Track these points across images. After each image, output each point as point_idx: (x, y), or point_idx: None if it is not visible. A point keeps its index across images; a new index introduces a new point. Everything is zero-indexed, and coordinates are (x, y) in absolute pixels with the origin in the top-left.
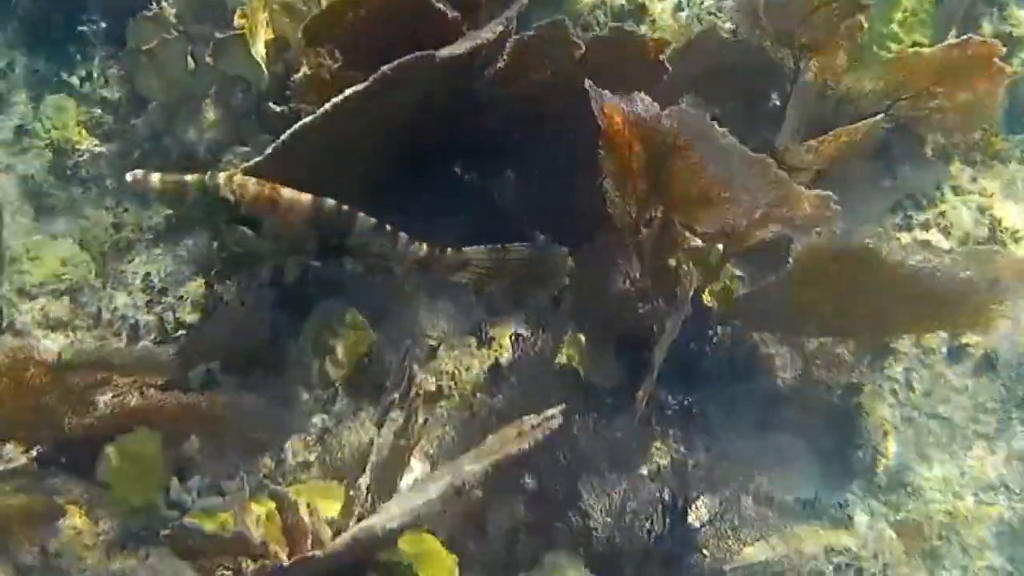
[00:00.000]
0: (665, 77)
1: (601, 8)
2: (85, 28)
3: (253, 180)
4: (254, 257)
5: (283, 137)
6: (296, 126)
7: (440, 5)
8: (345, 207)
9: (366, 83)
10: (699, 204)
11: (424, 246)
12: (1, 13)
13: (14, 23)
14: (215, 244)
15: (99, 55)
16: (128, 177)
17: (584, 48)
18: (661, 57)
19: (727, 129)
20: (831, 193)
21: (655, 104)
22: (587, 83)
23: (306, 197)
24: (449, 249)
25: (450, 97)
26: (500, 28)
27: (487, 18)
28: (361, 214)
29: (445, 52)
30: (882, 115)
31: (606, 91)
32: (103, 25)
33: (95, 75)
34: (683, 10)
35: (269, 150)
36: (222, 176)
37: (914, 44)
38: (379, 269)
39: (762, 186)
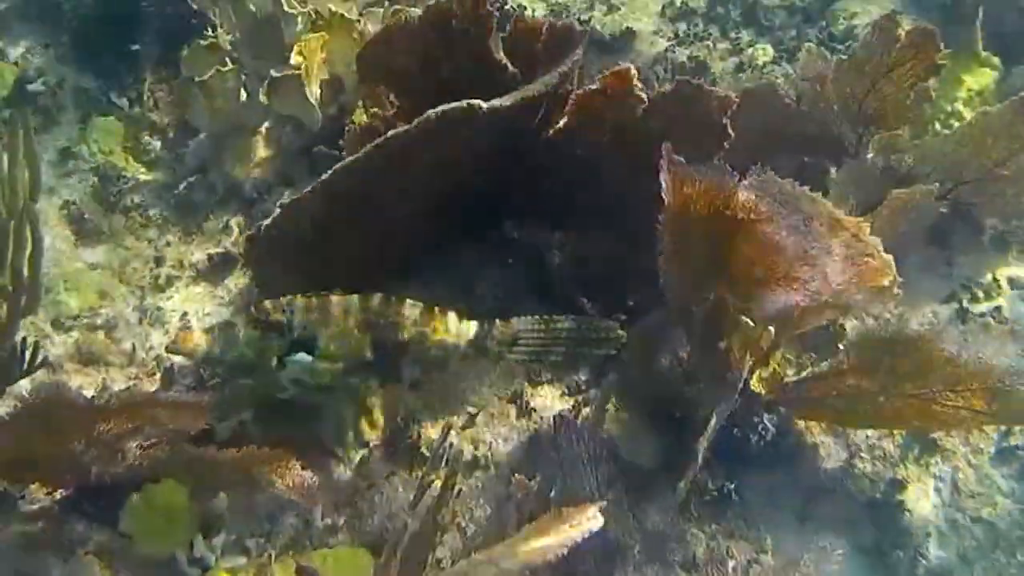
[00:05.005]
0: (727, 144)
1: (662, 63)
2: (137, 47)
3: (299, 297)
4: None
5: (324, 176)
6: (336, 166)
7: (500, 56)
8: (391, 297)
9: (408, 127)
10: (763, 286)
11: (474, 325)
12: (55, 26)
13: (66, 38)
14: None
15: (150, 76)
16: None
17: (646, 102)
18: (726, 120)
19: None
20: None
21: (733, 174)
22: (664, 147)
23: (353, 297)
24: (498, 322)
25: (500, 150)
26: (552, 81)
27: (541, 69)
28: (408, 301)
29: (492, 103)
30: (937, 184)
31: (680, 157)
32: (155, 45)
33: (145, 97)
34: (744, 71)
35: (309, 188)
36: (268, 304)
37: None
38: (436, 366)
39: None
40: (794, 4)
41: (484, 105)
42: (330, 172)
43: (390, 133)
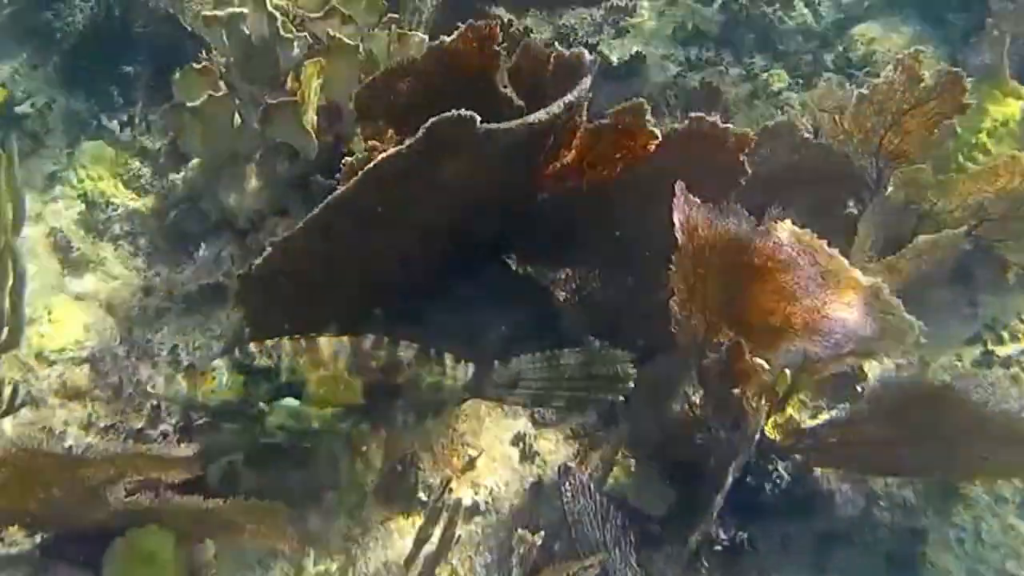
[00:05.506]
0: (743, 181)
1: (672, 89)
2: (129, 69)
3: (286, 339)
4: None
5: (314, 212)
6: (327, 199)
7: (506, 90)
8: (384, 339)
9: (399, 148)
10: (780, 335)
11: (471, 367)
12: (45, 47)
13: (57, 58)
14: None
15: (142, 99)
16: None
17: (659, 139)
18: (742, 157)
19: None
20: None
21: (750, 219)
22: (678, 186)
23: (344, 339)
24: (497, 363)
25: (503, 181)
26: (556, 111)
27: (549, 102)
28: (402, 343)
29: (492, 125)
30: (964, 228)
31: (695, 198)
32: (148, 67)
33: (136, 120)
34: (758, 97)
35: (300, 225)
36: (253, 346)
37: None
38: (432, 409)
39: (867, 316)
40: (811, 28)
41: (487, 126)
42: (321, 206)
43: (381, 156)
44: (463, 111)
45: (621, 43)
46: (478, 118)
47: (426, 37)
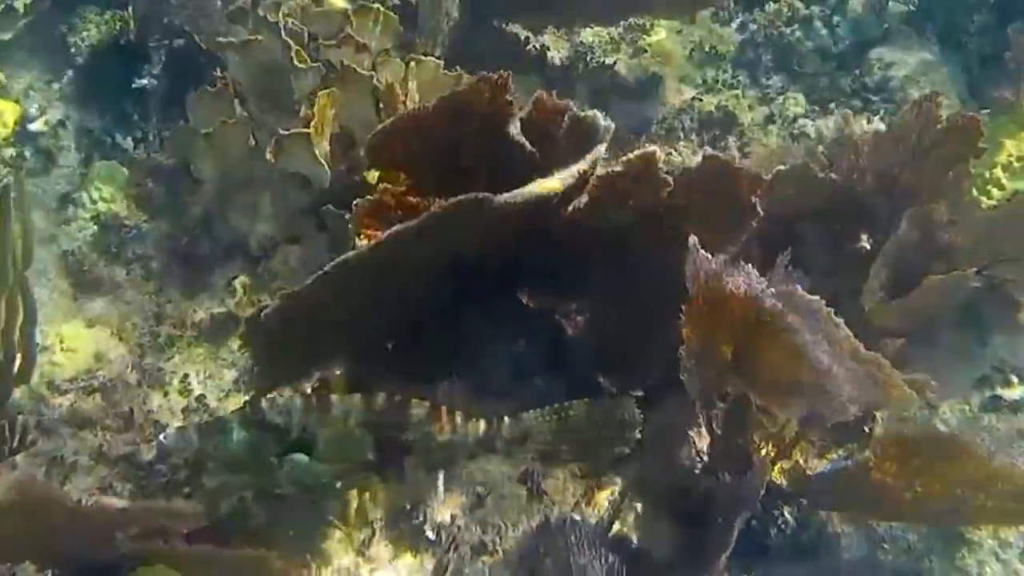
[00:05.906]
0: (755, 223)
1: (688, 113)
2: (144, 82)
3: (299, 396)
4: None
5: (325, 269)
6: (338, 260)
7: (517, 135)
8: (396, 397)
9: (413, 222)
10: (787, 392)
11: (482, 423)
12: (59, 61)
13: (71, 73)
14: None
15: (156, 114)
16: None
17: (672, 186)
18: (754, 199)
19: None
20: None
21: (761, 279)
22: (691, 241)
23: (356, 397)
24: (507, 419)
25: (514, 236)
26: (570, 180)
27: (560, 154)
28: (414, 401)
29: (505, 198)
30: (974, 269)
31: (707, 254)
32: (162, 81)
33: (151, 137)
34: (773, 122)
35: (309, 281)
36: (264, 402)
37: (1016, 193)
38: (440, 463)
39: (868, 385)
40: (828, 51)
41: (497, 200)
42: (332, 264)
43: (393, 230)
44: (479, 195)
45: (638, 63)
46: (493, 198)
47: (442, 62)
